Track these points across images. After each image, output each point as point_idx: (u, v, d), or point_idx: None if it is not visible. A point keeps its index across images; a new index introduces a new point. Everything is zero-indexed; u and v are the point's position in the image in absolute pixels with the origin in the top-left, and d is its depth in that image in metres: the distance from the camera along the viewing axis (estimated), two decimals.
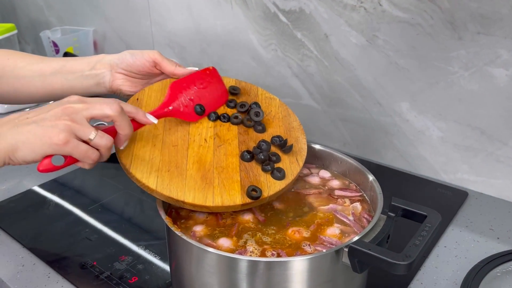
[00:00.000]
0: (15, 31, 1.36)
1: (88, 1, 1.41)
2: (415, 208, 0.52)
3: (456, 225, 0.77)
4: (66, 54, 1.27)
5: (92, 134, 0.53)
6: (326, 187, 0.64)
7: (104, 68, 0.72)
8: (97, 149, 0.54)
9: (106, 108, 0.54)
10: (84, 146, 0.53)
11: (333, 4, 0.90)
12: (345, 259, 0.49)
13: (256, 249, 0.53)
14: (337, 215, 0.58)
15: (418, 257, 0.45)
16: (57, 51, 1.36)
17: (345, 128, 0.99)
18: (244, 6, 1.03)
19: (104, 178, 0.90)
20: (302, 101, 1.03)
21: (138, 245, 0.71)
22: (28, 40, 1.74)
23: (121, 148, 0.58)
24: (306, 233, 0.56)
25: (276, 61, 1.03)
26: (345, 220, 0.57)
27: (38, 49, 1.69)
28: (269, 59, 1.04)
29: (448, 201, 0.82)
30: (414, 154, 0.91)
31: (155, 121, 0.60)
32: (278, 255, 0.52)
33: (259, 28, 1.03)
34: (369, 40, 0.88)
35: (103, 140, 0.54)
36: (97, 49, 1.44)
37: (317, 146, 0.69)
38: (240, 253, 0.52)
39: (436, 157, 0.88)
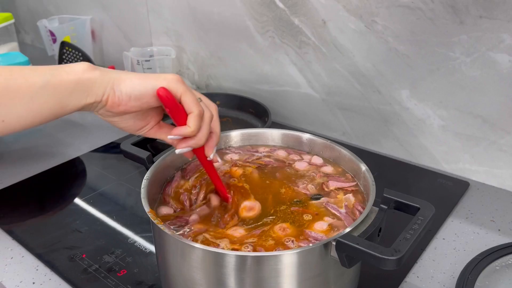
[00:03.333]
0: (13, 20, 1.34)
1: None
2: (408, 200, 0.50)
3: (456, 216, 0.74)
4: (63, 44, 1.25)
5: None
6: (317, 175, 0.62)
7: None
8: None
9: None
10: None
11: None
12: (334, 253, 0.47)
13: (226, 246, 0.51)
14: (329, 208, 0.56)
15: (408, 251, 0.43)
16: (54, 40, 1.34)
17: (344, 117, 0.96)
18: None
19: (97, 169, 0.89)
20: (301, 89, 1.00)
21: (129, 238, 0.70)
22: (27, 30, 1.72)
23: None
24: (290, 230, 0.54)
25: (274, 49, 1.01)
26: (336, 213, 0.55)
27: (37, 39, 1.68)
28: (266, 47, 1.02)
29: (448, 192, 0.80)
30: (415, 143, 0.88)
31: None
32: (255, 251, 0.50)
33: (255, 14, 1.00)
34: (367, 25, 0.85)
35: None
36: (95, 38, 1.42)
37: (306, 135, 0.67)
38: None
39: (437, 146, 0.86)
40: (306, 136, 0.67)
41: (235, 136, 0.68)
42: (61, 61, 1.27)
